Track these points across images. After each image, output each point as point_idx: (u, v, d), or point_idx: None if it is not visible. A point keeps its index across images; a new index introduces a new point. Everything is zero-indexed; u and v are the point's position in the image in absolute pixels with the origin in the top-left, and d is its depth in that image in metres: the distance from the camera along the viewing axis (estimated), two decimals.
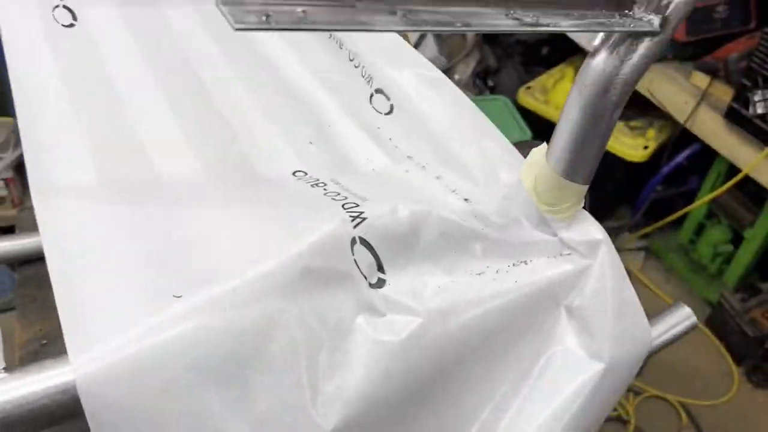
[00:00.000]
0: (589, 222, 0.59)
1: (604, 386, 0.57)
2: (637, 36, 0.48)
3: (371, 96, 0.77)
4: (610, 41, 0.50)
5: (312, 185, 0.61)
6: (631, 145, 2.25)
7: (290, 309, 0.49)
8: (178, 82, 0.75)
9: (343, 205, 0.55)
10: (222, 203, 0.58)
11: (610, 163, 2.29)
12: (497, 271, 0.57)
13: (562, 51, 2.47)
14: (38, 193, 0.56)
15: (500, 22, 0.41)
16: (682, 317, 0.70)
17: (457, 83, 2.50)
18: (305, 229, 0.52)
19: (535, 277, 0.57)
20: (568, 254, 0.59)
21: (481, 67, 2.50)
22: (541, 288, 0.56)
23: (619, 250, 0.56)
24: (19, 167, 1.93)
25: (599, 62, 0.50)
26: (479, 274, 0.57)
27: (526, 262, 0.59)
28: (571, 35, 0.57)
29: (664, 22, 0.48)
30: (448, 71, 2.43)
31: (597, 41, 0.50)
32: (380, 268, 0.54)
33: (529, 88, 2.41)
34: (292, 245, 0.50)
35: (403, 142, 0.72)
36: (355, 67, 0.80)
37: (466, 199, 0.63)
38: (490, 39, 2.61)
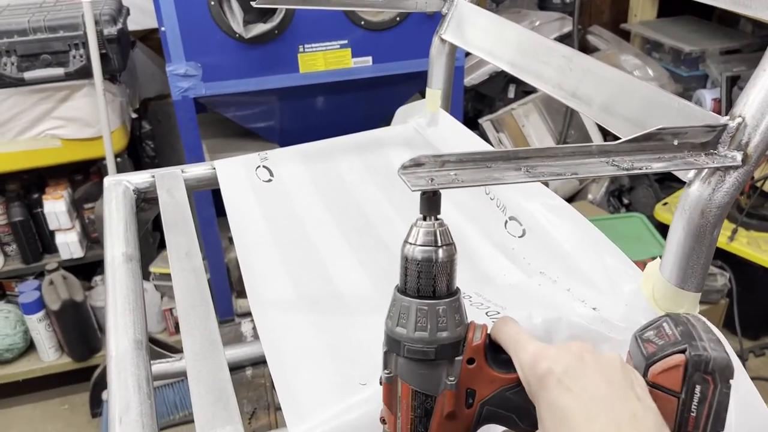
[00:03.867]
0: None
1: None
2: (723, 169, 0.59)
3: (506, 222, 0.91)
4: (702, 174, 0.61)
5: None
6: None
7: None
8: (352, 220, 0.95)
9: (486, 313, 0.68)
10: None
11: (762, 276, 2.22)
12: None
13: None
14: (255, 306, 0.76)
15: (601, 168, 0.55)
16: None
17: (591, 203, 2.57)
18: None
19: None
20: None
21: (615, 186, 2.57)
22: None
23: None
24: None
25: (694, 191, 0.61)
26: None
27: None
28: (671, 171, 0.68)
29: (745, 158, 0.59)
30: (580, 192, 2.54)
31: (691, 174, 0.62)
32: None
33: (665, 204, 2.44)
34: None
35: (535, 260, 0.85)
36: (491, 199, 0.96)
37: (594, 308, 0.74)
38: None
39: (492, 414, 0.52)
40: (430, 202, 0.51)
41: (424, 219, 0.51)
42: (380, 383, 0.53)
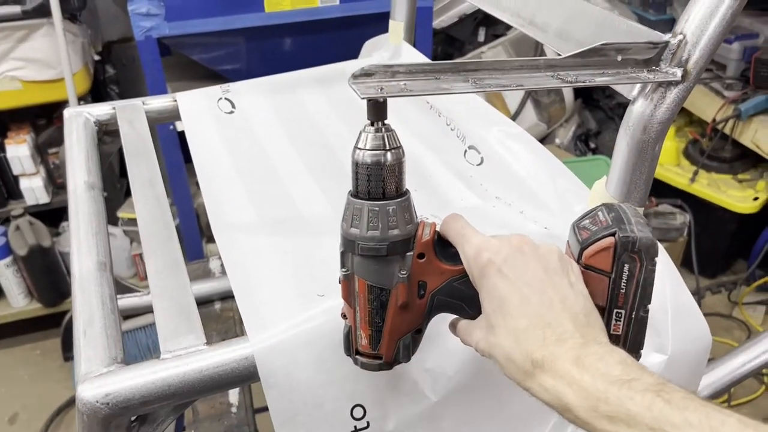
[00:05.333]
0: None
1: (670, 378, 0.67)
2: (665, 85, 0.62)
3: (465, 152, 0.93)
4: (645, 90, 0.63)
5: None
6: (741, 197, 2.25)
7: None
8: (313, 150, 0.96)
9: None
10: None
11: (720, 216, 2.29)
12: None
13: None
14: (217, 231, 0.77)
15: (547, 81, 0.57)
16: None
17: (558, 147, 2.60)
18: None
19: None
20: None
21: (582, 130, 2.61)
22: None
23: (735, 304, 0.60)
24: None
25: (638, 107, 0.64)
26: None
27: None
28: (614, 87, 0.71)
29: (685, 74, 0.61)
30: (548, 136, 2.57)
31: (635, 91, 0.64)
32: None
33: None
34: None
35: (491, 186, 0.87)
36: (451, 130, 0.98)
37: (545, 228, 0.77)
38: (590, 104, 2.73)
39: (442, 303, 0.56)
40: (377, 108, 0.52)
41: (372, 124, 0.53)
42: (339, 282, 0.56)
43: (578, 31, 0.77)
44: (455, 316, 0.59)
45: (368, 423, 0.63)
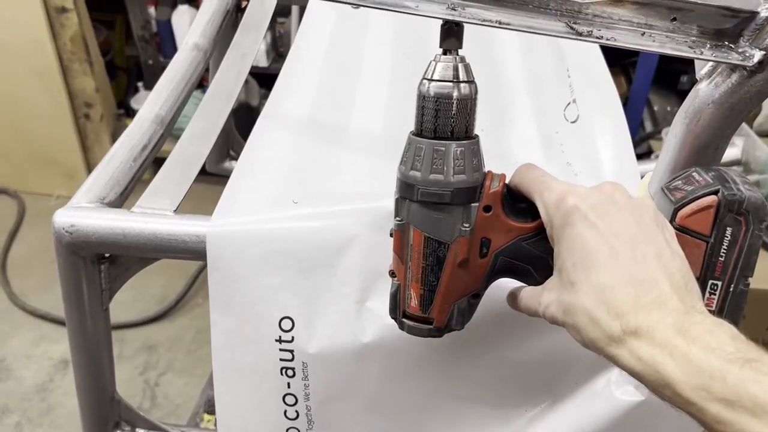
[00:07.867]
0: None
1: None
2: (740, 70, 0.46)
3: (568, 104, 0.81)
4: (716, 72, 0.48)
5: None
6: None
7: (367, 240, 0.60)
8: (409, 66, 0.90)
9: None
10: (377, 159, 0.71)
11: None
12: None
13: None
14: (262, 116, 0.78)
15: (551, 26, 0.45)
16: None
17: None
18: None
19: None
20: None
21: None
22: None
23: None
24: None
25: (697, 90, 0.49)
26: None
27: None
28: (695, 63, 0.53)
29: (765, 59, 0.45)
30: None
31: (704, 70, 0.49)
32: None
33: None
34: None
35: (570, 150, 0.75)
36: (568, 77, 0.85)
37: None
38: None
39: (506, 265, 0.50)
40: (451, 35, 0.47)
41: (444, 53, 0.47)
42: (390, 235, 0.51)
43: None
44: (516, 286, 0.52)
45: (293, 338, 0.62)
